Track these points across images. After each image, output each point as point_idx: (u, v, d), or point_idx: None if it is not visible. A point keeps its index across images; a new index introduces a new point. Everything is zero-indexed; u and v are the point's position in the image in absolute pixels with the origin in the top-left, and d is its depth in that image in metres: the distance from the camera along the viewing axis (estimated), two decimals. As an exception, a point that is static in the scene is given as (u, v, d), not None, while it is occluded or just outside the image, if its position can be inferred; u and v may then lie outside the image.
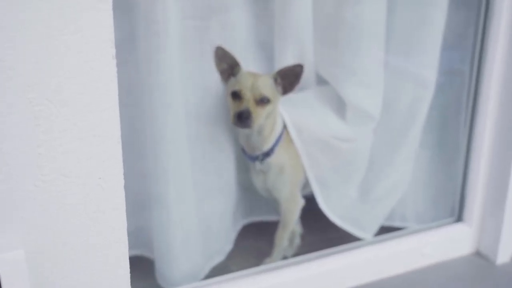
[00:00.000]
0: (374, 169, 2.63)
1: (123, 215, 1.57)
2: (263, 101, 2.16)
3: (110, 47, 1.39)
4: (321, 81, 2.53)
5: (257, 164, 2.38)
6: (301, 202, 2.50)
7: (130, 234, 2.31)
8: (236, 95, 2.16)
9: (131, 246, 2.33)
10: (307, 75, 2.49)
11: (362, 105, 2.47)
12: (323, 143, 2.45)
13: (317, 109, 2.47)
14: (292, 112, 2.39)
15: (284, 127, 2.37)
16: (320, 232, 2.70)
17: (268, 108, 2.18)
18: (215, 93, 2.31)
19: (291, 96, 2.37)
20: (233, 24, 2.28)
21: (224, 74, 2.22)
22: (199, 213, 2.40)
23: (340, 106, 2.50)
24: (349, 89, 2.44)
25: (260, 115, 2.16)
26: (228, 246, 2.63)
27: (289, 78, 2.20)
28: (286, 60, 2.38)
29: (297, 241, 2.70)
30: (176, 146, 2.19)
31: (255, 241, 2.71)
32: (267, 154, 2.34)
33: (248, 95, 2.14)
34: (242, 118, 2.12)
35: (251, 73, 2.22)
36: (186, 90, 2.20)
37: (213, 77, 2.24)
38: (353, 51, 2.37)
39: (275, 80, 2.20)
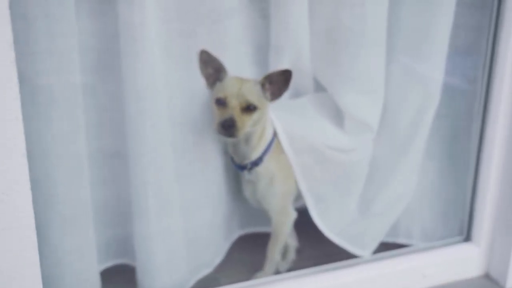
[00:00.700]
0: (375, 181, 2.48)
1: (33, 234, 1.45)
2: (249, 108, 2.04)
3: (8, 51, 1.27)
4: (320, 87, 2.42)
5: (246, 174, 2.26)
6: (293, 215, 2.37)
7: (116, 242, 2.35)
8: (220, 102, 2.05)
9: (116, 255, 2.38)
10: (304, 81, 2.39)
11: (359, 114, 2.33)
12: (318, 153, 2.32)
13: (311, 117, 2.34)
14: (284, 119, 2.26)
15: (275, 135, 2.25)
16: (317, 246, 2.54)
17: (255, 115, 2.06)
18: (202, 100, 2.20)
19: (284, 102, 2.27)
20: (225, 29, 2.18)
21: (209, 79, 2.10)
22: (185, 224, 2.29)
23: (337, 114, 2.37)
24: (345, 97, 2.31)
25: (246, 123, 2.04)
26: (218, 258, 2.52)
27: (277, 84, 2.07)
28: (282, 65, 2.28)
29: (292, 255, 2.57)
30: (157, 155, 2.10)
31: (250, 253, 2.58)
32: (256, 163, 2.22)
33: (233, 102, 2.03)
34: (226, 127, 2.00)
35: (237, 78, 2.10)
36: (170, 96, 2.11)
37: (200, 82, 2.13)
38: (350, 56, 2.23)
39: (263, 85, 2.09)
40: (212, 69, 2.09)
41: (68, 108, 1.91)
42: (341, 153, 2.36)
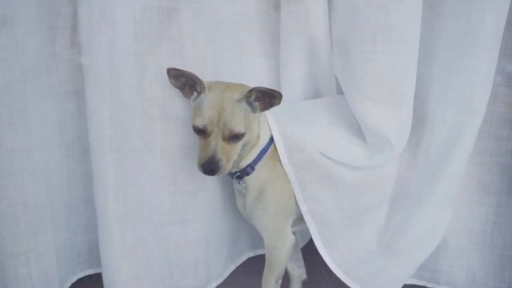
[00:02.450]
0: (399, 211, 2.02)
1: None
2: (235, 137, 1.71)
3: None
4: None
5: (235, 183, 1.91)
6: (289, 240, 1.95)
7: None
8: (200, 131, 1.72)
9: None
10: (324, 79, 2.03)
11: (375, 125, 1.89)
12: (321, 169, 1.90)
13: (319, 124, 1.94)
14: (284, 125, 1.87)
15: (272, 140, 1.87)
16: (331, 280, 2.13)
17: (241, 142, 1.74)
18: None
19: (290, 104, 1.94)
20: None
21: (184, 91, 1.80)
22: (165, 241, 2.03)
23: (354, 123, 1.93)
24: (360, 103, 1.88)
25: (231, 156, 1.72)
26: (213, 282, 2.20)
27: (266, 100, 1.73)
28: (296, 59, 1.96)
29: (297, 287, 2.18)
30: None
31: (256, 277, 2.19)
32: (246, 171, 1.85)
33: (215, 132, 1.70)
34: (208, 170, 1.69)
35: (218, 93, 1.73)
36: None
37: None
38: (366, 56, 1.80)
39: (248, 99, 1.72)
40: (186, 84, 1.77)
41: None
42: (352, 170, 1.93)
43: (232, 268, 2.32)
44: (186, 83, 1.76)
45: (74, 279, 2.24)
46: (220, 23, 1.85)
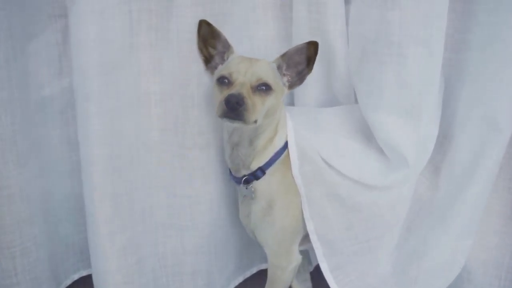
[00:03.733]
0: (416, 233, 1.81)
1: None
2: (262, 88, 1.54)
3: None
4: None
5: (242, 189, 1.74)
6: (296, 260, 1.78)
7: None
8: (224, 81, 1.56)
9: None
10: (342, 85, 1.84)
11: (390, 140, 1.70)
12: (333, 186, 1.72)
13: (334, 135, 1.76)
14: (300, 133, 1.71)
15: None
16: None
17: (268, 100, 1.56)
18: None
19: (306, 109, 1.82)
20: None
21: (209, 60, 1.67)
22: (158, 245, 1.92)
23: (370, 136, 1.74)
24: (374, 114, 1.69)
25: (257, 107, 1.52)
26: None
27: (297, 64, 1.62)
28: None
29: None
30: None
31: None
32: (255, 175, 1.69)
33: (241, 79, 1.54)
34: (232, 105, 1.47)
35: (245, 57, 1.63)
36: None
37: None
38: (381, 58, 1.61)
39: (279, 67, 1.61)
40: (214, 48, 1.66)
41: None
42: (365, 190, 1.73)
43: (240, 280, 2.18)
44: (213, 55, 1.65)
45: (76, 276, 2.17)
46: (224, 18, 1.71)
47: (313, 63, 1.61)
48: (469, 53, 1.66)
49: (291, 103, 1.93)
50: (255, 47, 1.84)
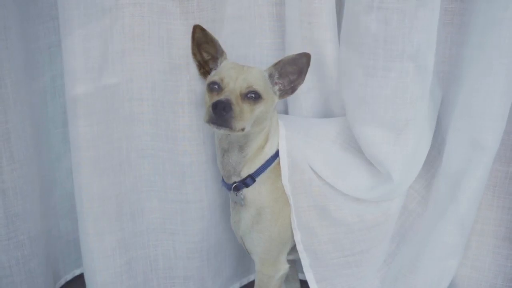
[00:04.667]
0: (403, 252, 1.77)
1: None
2: (252, 96, 1.55)
3: None
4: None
5: (233, 195, 1.74)
6: (283, 269, 1.77)
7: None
8: (214, 87, 1.58)
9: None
10: (332, 97, 1.83)
11: (375, 154, 1.66)
12: (321, 198, 1.71)
13: (325, 146, 1.74)
14: (292, 142, 1.70)
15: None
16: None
17: (257, 108, 1.56)
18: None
19: (300, 119, 1.81)
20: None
21: (203, 66, 1.69)
22: (150, 247, 1.95)
23: (360, 149, 1.72)
24: (361, 127, 1.66)
25: (245, 114, 1.53)
26: None
27: (290, 74, 1.62)
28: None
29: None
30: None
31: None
32: (245, 182, 1.68)
33: (231, 85, 1.55)
34: (219, 111, 1.48)
35: (237, 64, 1.65)
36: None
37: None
38: (367, 71, 1.59)
39: (271, 75, 1.62)
40: (208, 53, 1.67)
41: None
42: (352, 204, 1.71)
43: (236, 287, 2.18)
44: (207, 60, 1.67)
45: (77, 272, 2.23)
46: (214, 24, 1.71)
47: (305, 74, 1.61)
48: (462, 67, 1.61)
49: (285, 112, 1.92)
50: (251, 54, 1.85)
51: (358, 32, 1.57)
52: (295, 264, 1.97)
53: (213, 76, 1.61)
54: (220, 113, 1.48)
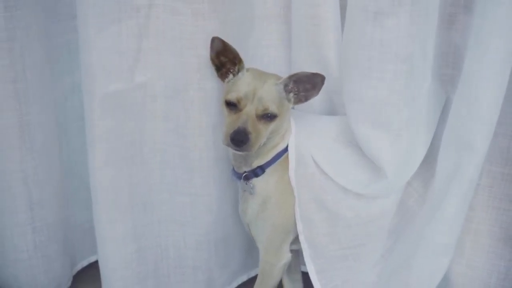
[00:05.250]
0: (400, 248, 1.84)
1: None
2: (267, 116, 1.67)
3: None
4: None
5: (242, 184, 1.85)
6: (286, 258, 1.87)
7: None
8: (232, 105, 1.70)
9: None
10: (336, 96, 1.91)
11: (370, 152, 1.74)
12: (321, 192, 1.79)
13: (329, 141, 1.84)
14: (301, 136, 1.80)
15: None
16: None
17: (273, 125, 1.69)
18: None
19: (311, 116, 1.90)
20: None
21: (220, 69, 1.78)
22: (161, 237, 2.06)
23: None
24: (358, 127, 1.74)
25: (261, 135, 1.67)
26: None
27: (304, 87, 1.71)
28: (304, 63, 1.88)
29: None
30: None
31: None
32: (255, 173, 1.80)
33: (248, 107, 1.67)
34: (237, 141, 1.63)
35: (255, 74, 1.73)
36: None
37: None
38: (362, 72, 1.66)
39: (286, 86, 1.71)
40: (226, 60, 1.76)
41: None
42: (350, 197, 1.80)
43: (244, 278, 2.28)
44: (225, 62, 1.75)
45: (93, 258, 2.34)
46: (224, 27, 1.81)
47: (319, 89, 1.70)
48: (462, 70, 1.66)
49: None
50: (259, 55, 1.94)
51: (355, 35, 1.65)
52: (298, 255, 2.05)
53: (231, 91, 1.70)
54: (238, 144, 1.62)
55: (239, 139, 1.62)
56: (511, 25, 1.47)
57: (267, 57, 1.96)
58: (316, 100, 1.89)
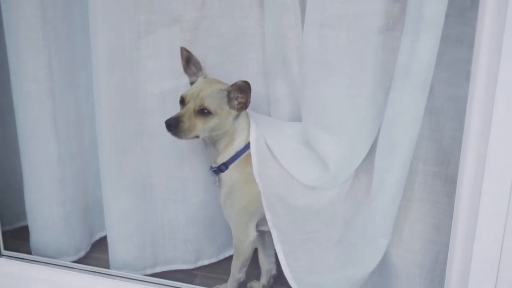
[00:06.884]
0: (351, 232, 2.12)
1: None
2: (203, 112, 2.02)
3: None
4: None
5: (215, 177, 2.24)
6: (252, 236, 2.21)
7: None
8: (181, 101, 2.08)
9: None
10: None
11: (317, 148, 2.08)
12: (283, 188, 2.13)
13: (290, 141, 2.18)
14: (263, 139, 2.14)
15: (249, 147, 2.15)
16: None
17: (210, 121, 2.03)
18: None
19: (278, 121, 2.24)
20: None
21: (190, 76, 2.18)
22: (158, 214, 2.46)
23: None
24: (306, 125, 2.10)
25: (197, 127, 2.02)
26: (204, 259, 2.59)
27: (241, 94, 2.03)
28: (277, 78, 2.24)
29: (264, 280, 2.45)
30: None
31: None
32: (220, 168, 2.17)
33: (190, 103, 2.04)
34: (169, 126, 1.99)
35: (207, 81, 2.11)
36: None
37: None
38: (311, 82, 2.02)
39: (229, 93, 2.04)
40: (192, 67, 2.16)
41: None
42: (304, 190, 2.13)
43: (231, 252, 2.57)
44: (194, 67, 2.14)
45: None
46: (209, 43, 2.21)
47: (249, 95, 2.01)
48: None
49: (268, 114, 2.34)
50: (244, 67, 2.31)
51: (307, 44, 1.98)
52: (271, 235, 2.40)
53: (185, 92, 2.08)
54: (169, 128, 1.99)
55: (169, 123, 1.97)
56: (433, 43, 1.70)
57: (251, 68, 2.32)
58: (289, 107, 2.25)
